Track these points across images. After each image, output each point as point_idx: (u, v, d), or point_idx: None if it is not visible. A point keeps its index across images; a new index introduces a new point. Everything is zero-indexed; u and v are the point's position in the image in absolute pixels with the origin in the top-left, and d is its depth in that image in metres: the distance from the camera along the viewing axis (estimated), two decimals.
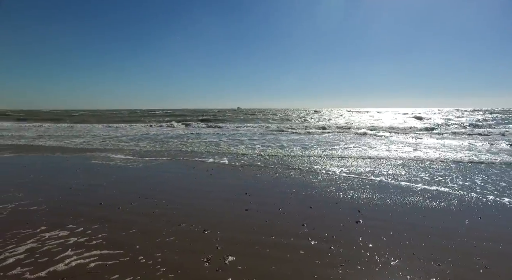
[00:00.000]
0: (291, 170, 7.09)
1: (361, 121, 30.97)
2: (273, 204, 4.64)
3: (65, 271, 2.67)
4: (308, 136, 15.45)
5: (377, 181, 6.02)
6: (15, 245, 3.12)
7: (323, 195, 5.11)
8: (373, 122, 28.18)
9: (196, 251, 3.10)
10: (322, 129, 19.75)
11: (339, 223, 3.90)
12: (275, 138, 14.74)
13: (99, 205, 4.49)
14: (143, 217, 4.03)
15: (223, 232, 3.57)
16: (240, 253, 3.07)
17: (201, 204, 4.61)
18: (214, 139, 14.03)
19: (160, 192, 5.17)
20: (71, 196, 4.92)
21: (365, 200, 4.84)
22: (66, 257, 2.89)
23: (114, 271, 2.69)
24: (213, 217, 4.08)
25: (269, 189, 5.48)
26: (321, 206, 4.55)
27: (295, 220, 4.00)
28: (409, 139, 13.75)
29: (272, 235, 3.52)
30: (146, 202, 4.62)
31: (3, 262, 2.76)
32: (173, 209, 4.37)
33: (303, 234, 3.55)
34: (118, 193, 5.11)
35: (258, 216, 4.14)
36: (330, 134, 17.05)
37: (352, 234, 3.55)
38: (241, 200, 4.81)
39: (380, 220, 3.99)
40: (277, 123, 29.70)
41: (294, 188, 5.54)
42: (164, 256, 2.98)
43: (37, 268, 2.69)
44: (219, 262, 2.90)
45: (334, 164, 7.77)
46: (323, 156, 8.87)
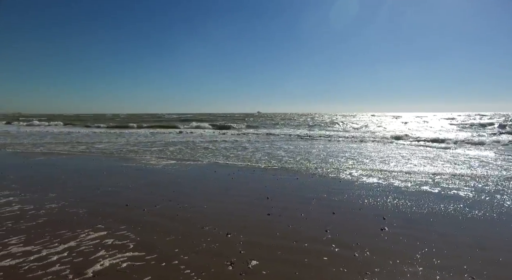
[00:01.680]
0: (313, 175, 7.02)
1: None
2: (296, 209, 4.61)
3: (96, 269, 2.77)
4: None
5: (402, 187, 5.84)
6: (53, 244, 3.28)
7: (346, 201, 5.03)
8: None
9: (220, 254, 3.13)
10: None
11: (363, 229, 3.82)
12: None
13: (125, 206, 4.65)
14: (168, 219, 4.12)
15: (246, 236, 3.59)
16: (263, 258, 3.07)
17: (224, 207, 4.66)
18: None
19: (183, 195, 5.28)
20: (99, 197, 5.12)
21: (390, 206, 4.71)
22: (98, 257, 3.00)
23: (141, 272, 2.77)
24: (236, 220, 4.11)
25: (291, 194, 5.45)
26: (344, 212, 4.47)
27: (318, 226, 3.95)
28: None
29: (295, 240, 3.49)
30: (170, 205, 4.73)
31: (44, 260, 2.91)
32: (196, 212, 4.45)
33: (326, 240, 3.50)
34: (143, 195, 5.27)
35: (281, 220, 4.13)
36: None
37: (377, 242, 3.46)
38: (263, 204, 4.82)
39: (406, 228, 3.86)
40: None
41: (316, 193, 5.48)
42: (188, 258, 3.03)
43: (72, 266, 2.82)
44: (242, 266, 2.91)
45: (367, 173, 7.60)
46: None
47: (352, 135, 18.45)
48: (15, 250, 3.09)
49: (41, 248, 3.15)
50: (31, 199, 4.92)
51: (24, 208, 4.42)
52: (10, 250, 3.09)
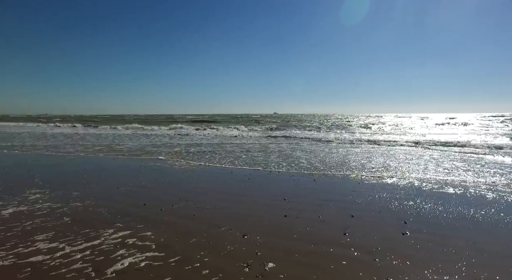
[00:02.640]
0: (330, 177, 6.90)
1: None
2: (313, 211, 4.53)
3: (115, 268, 2.82)
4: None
5: (425, 191, 5.62)
6: (76, 241, 3.37)
7: (365, 204, 4.89)
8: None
9: (236, 256, 3.11)
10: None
11: (383, 234, 3.69)
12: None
13: (143, 205, 4.73)
14: (185, 219, 4.15)
15: (263, 238, 3.56)
16: (280, 260, 3.02)
17: (240, 208, 4.65)
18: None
19: (200, 195, 5.31)
20: (118, 196, 5.23)
21: (412, 211, 4.53)
22: (117, 256, 3.05)
23: (158, 271, 2.79)
24: (252, 222, 4.09)
25: (308, 196, 5.37)
26: (363, 215, 4.35)
27: (336, 229, 3.86)
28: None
29: (313, 243, 3.42)
30: (187, 205, 4.77)
31: (67, 258, 2.99)
32: (212, 212, 4.46)
33: (345, 244, 3.41)
34: (160, 195, 5.34)
35: (298, 223, 4.06)
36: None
37: (398, 247, 3.33)
38: (279, 206, 4.77)
39: (430, 233, 3.70)
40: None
41: (334, 195, 5.37)
42: (205, 259, 3.03)
43: (93, 264, 2.89)
44: (259, 268, 2.88)
45: (379, 174, 7.39)
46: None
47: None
48: (41, 246, 3.21)
49: (65, 245, 3.24)
50: (58, 197, 5.10)
51: (52, 206, 4.59)
52: (38, 246, 3.21)
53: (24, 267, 2.78)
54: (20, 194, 5.19)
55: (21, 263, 2.86)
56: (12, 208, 4.45)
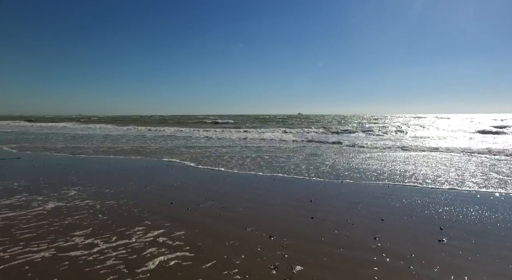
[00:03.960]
0: (357, 179, 6.68)
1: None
2: (340, 213, 4.40)
3: (146, 266, 2.89)
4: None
5: (464, 195, 5.28)
6: (109, 238, 3.51)
7: (395, 208, 4.68)
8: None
9: (263, 257, 3.08)
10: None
11: (417, 240, 3.50)
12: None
13: (170, 204, 4.83)
14: (211, 219, 4.19)
15: (289, 240, 3.50)
16: (308, 264, 2.95)
17: (266, 209, 4.62)
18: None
19: (225, 195, 5.34)
20: (146, 195, 5.38)
21: (449, 216, 4.27)
22: (147, 253, 3.13)
23: (186, 270, 2.82)
24: (278, 223, 4.04)
25: (335, 198, 5.23)
26: (394, 219, 4.15)
27: (366, 233, 3.71)
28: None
29: (341, 247, 3.31)
30: (213, 205, 4.81)
31: (101, 254, 3.12)
32: (238, 212, 4.46)
33: (376, 249, 3.27)
34: (187, 194, 5.43)
35: (325, 225, 3.96)
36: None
37: (435, 255, 3.13)
38: (306, 207, 4.68)
39: (470, 241, 3.46)
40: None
41: (362, 198, 5.19)
42: (231, 259, 3.02)
43: (124, 261, 2.98)
44: (286, 271, 2.83)
45: (410, 175, 7.06)
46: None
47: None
48: (78, 241, 3.36)
49: (100, 241, 3.36)
50: (93, 195, 5.35)
51: (89, 204, 4.80)
52: (75, 241, 3.36)
53: (62, 260, 2.92)
54: (59, 190, 5.50)
55: (60, 256, 3.01)
56: (53, 203, 4.71)
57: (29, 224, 3.82)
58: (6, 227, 3.71)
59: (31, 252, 3.08)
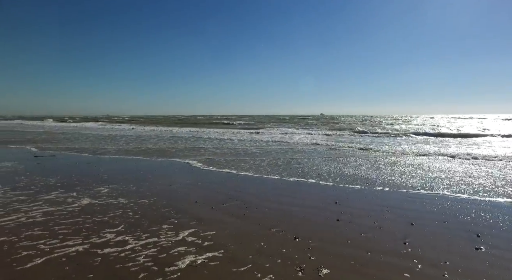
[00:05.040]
0: (386, 183, 6.48)
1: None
2: (367, 216, 4.28)
3: (174, 263, 2.96)
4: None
5: (505, 201, 4.97)
6: (140, 237, 3.61)
7: (426, 212, 4.48)
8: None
9: (288, 259, 3.05)
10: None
11: (451, 246, 3.33)
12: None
13: (194, 203, 4.91)
14: (235, 218, 4.21)
15: (315, 242, 3.45)
16: (335, 267, 2.89)
17: (290, 210, 4.58)
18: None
19: (249, 195, 5.36)
20: (171, 193, 5.50)
21: (486, 223, 4.04)
22: (175, 252, 3.19)
23: (213, 269, 2.85)
24: (303, 224, 3.99)
25: (361, 200, 5.10)
26: (425, 224, 3.98)
27: (395, 237, 3.59)
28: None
29: (369, 251, 3.22)
30: (237, 204, 4.84)
31: (132, 253, 3.22)
32: (262, 213, 4.46)
33: (406, 254, 3.14)
34: (210, 193, 5.50)
35: (352, 228, 3.87)
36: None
37: (472, 263, 2.96)
38: (331, 209, 4.60)
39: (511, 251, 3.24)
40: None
41: (390, 201, 5.03)
42: (256, 260, 3.02)
43: (153, 258, 3.07)
44: (313, 273, 2.79)
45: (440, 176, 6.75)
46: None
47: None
48: (110, 237, 3.50)
49: (130, 239, 3.47)
50: (121, 193, 5.55)
51: (121, 202, 4.99)
52: (108, 237, 3.50)
53: (95, 256, 3.04)
54: (91, 187, 5.75)
55: (93, 251, 3.14)
56: (86, 200, 4.93)
57: (66, 219, 4.03)
58: (45, 222, 3.93)
59: (67, 246, 3.24)
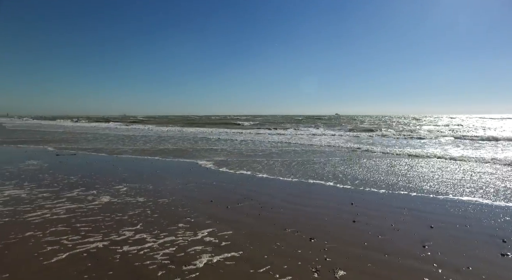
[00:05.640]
0: (404, 185, 6.32)
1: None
2: (384, 218, 4.20)
3: (190, 262, 3.01)
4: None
5: None
6: (158, 235, 3.70)
7: (446, 215, 4.35)
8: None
9: (304, 259, 3.04)
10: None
11: (474, 251, 3.22)
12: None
13: (210, 202, 4.96)
14: (250, 218, 4.23)
15: (331, 243, 3.41)
16: (351, 269, 2.86)
17: (305, 210, 4.55)
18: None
19: (264, 196, 5.36)
20: (187, 192, 5.58)
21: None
22: (191, 250, 3.25)
23: (231, 270, 2.87)
24: (319, 225, 3.96)
25: (378, 202, 5.00)
26: (445, 228, 3.86)
27: (413, 240, 3.50)
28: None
29: (387, 253, 3.16)
30: (252, 204, 4.86)
31: (150, 251, 3.31)
32: (277, 213, 4.45)
33: (425, 258, 3.06)
34: (226, 193, 5.55)
35: (368, 229, 3.81)
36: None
37: (498, 270, 2.85)
38: (346, 210, 4.54)
39: None
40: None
41: (408, 203, 4.91)
42: (272, 260, 3.02)
43: (170, 257, 3.13)
44: (329, 274, 2.76)
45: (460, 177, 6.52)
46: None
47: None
48: (129, 235, 3.60)
49: (148, 237, 3.56)
50: (139, 192, 5.69)
51: (139, 200, 5.13)
52: (127, 235, 3.60)
53: (115, 253, 3.13)
54: (110, 186, 5.93)
55: (112, 249, 3.23)
56: (105, 197, 5.08)
57: (86, 217, 4.16)
58: (68, 218, 4.08)
59: (88, 242, 3.36)
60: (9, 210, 4.36)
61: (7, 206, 4.54)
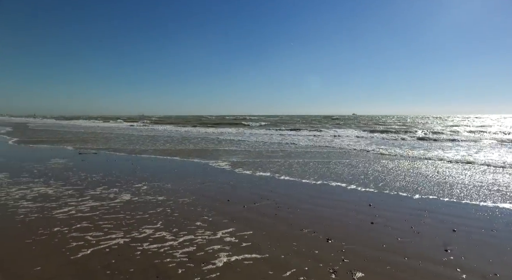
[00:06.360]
0: (424, 184, 6.16)
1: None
2: (403, 220, 4.11)
3: (208, 261, 3.06)
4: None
5: None
6: (175, 234, 3.79)
7: (470, 219, 4.20)
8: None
9: (321, 260, 3.02)
10: None
11: (502, 257, 3.10)
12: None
13: (227, 201, 5.02)
14: (267, 218, 4.25)
15: (348, 244, 3.38)
16: (370, 271, 2.82)
17: (321, 211, 4.53)
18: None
19: (280, 196, 5.36)
20: (205, 192, 5.66)
21: None
22: (209, 249, 3.31)
23: (247, 268, 2.90)
24: (336, 226, 3.93)
25: (397, 203, 4.90)
26: (469, 231, 3.73)
27: (435, 243, 3.41)
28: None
29: (406, 257, 3.09)
30: (268, 204, 4.87)
31: (170, 249, 3.40)
32: (293, 213, 4.45)
33: (448, 262, 2.98)
34: (242, 192, 5.60)
35: (387, 232, 3.74)
36: None
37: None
38: (364, 212, 4.47)
39: None
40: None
41: (429, 205, 4.78)
42: (289, 260, 3.02)
43: (189, 255, 3.20)
44: (346, 276, 2.74)
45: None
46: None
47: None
48: (148, 232, 3.71)
49: (167, 235, 3.65)
50: (158, 191, 5.83)
51: (159, 198, 5.27)
52: (147, 233, 3.71)
53: (135, 250, 3.23)
54: (130, 184, 6.11)
55: (133, 246, 3.32)
56: (126, 196, 5.25)
57: (108, 214, 4.32)
58: (91, 215, 4.25)
59: (110, 239, 3.48)
60: (38, 206, 4.59)
61: (36, 202, 4.78)
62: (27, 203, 4.74)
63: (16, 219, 4.06)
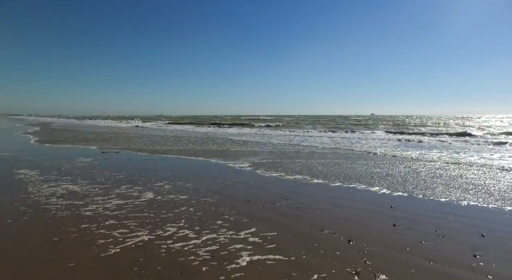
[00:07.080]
0: (451, 185, 5.96)
1: None
2: (428, 223, 4.00)
3: (235, 262, 3.11)
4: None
5: None
6: (198, 233, 3.87)
7: (500, 223, 4.04)
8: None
9: (342, 262, 3.01)
10: None
11: None
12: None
13: (246, 201, 5.06)
14: (287, 218, 4.26)
15: (370, 246, 3.34)
16: (393, 274, 2.78)
17: (342, 212, 4.49)
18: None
19: (300, 196, 5.36)
20: (223, 190, 5.74)
21: None
22: (231, 248, 3.36)
23: (269, 268, 2.93)
24: (357, 227, 3.89)
25: (420, 205, 4.77)
26: (500, 237, 3.59)
27: (462, 248, 3.30)
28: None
29: (432, 260, 3.02)
30: (288, 204, 4.88)
31: (194, 248, 3.48)
32: (313, 213, 4.43)
33: (477, 268, 2.88)
34: (261, 192, 5.62)
35: (410, 234, 3.66)
36: None
37: None
38: (386, 213, 4.40)
39: None
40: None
41: (454, 208, 4.62)
42: (311, 261, 3.02)
43: (211, 254, 3.26)
44: (370, 278, 2.71)
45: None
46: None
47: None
48: (172, 230, 3.80)
49: (190, 234, 3.73)
50: (180, 190, 5.96)
51: (181, 198, 5.39)
52: (171, 231, 3.81)
53: (159, 248, 3.32)
54: (152, 183, 6.27)
55: (157, 243, 3.42)
56: (149, 194, 5.41)
57: (133, 213, 4.45)
58: (117, 213, 4.41)
59: (136, 236, 3.60)
60: (67, 204, 4.81)
61: (65, 200, 5.01)
62: (56, 200, 4.98)
63: (47, 216, 4.27)
